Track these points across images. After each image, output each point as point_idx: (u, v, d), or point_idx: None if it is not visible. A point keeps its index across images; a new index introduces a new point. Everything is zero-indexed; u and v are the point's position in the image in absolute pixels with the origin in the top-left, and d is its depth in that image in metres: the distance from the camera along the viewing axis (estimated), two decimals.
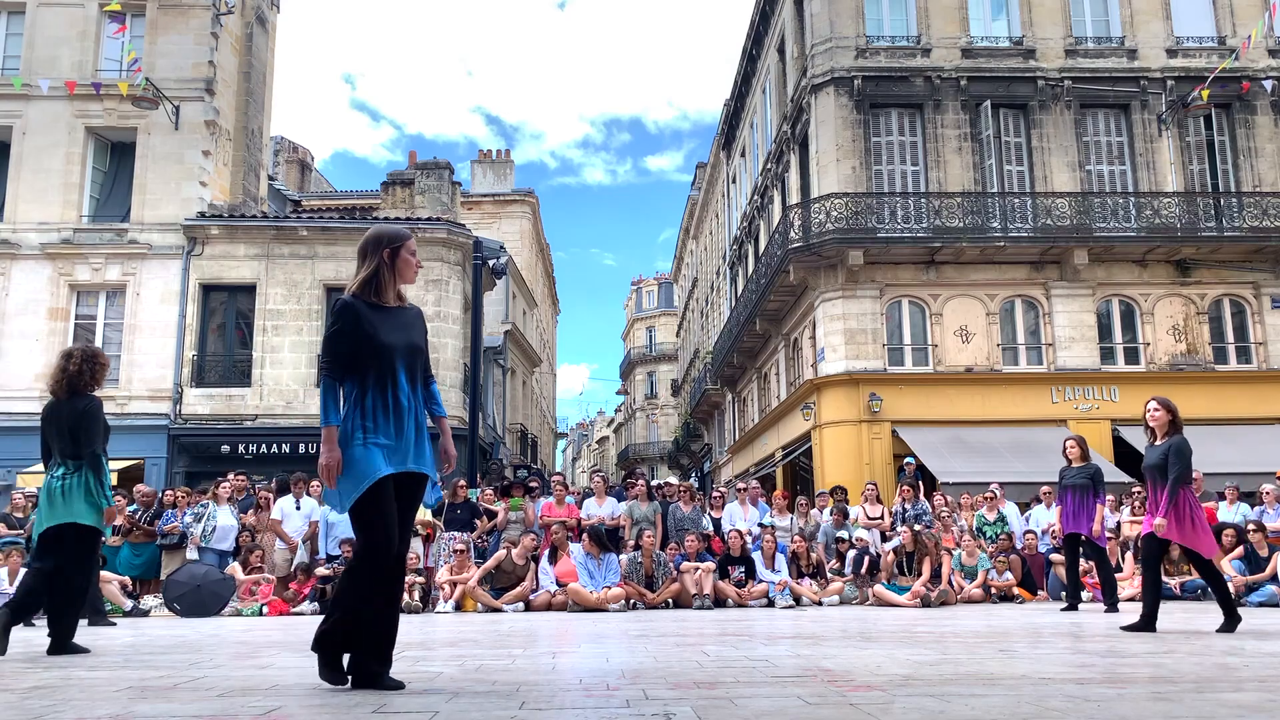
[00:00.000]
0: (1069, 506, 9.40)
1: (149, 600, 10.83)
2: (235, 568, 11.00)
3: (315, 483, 12.27)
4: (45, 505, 5.72)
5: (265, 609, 10.56)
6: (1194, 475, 8.32)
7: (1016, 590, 11.72)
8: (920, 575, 10.94)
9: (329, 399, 3.72)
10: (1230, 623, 6.49)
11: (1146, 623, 6.62)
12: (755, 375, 28.77)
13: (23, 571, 10.86)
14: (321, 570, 11.13)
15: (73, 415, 5.75)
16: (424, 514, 11.99)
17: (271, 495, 12.51)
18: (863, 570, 11.69)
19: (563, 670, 4.44)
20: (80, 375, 5.82)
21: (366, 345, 3.74)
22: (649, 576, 11.02)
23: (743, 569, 11.30)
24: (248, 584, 10.85)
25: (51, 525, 5.65)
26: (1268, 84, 20.53)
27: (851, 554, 11.97)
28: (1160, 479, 6.86)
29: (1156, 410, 7.15)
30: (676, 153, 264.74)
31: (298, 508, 12.01)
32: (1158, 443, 7.08)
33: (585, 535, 11.00)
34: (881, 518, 12.86)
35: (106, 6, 20.92)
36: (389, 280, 3.91)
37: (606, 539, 10.95)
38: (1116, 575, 11.94)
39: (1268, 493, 12.28)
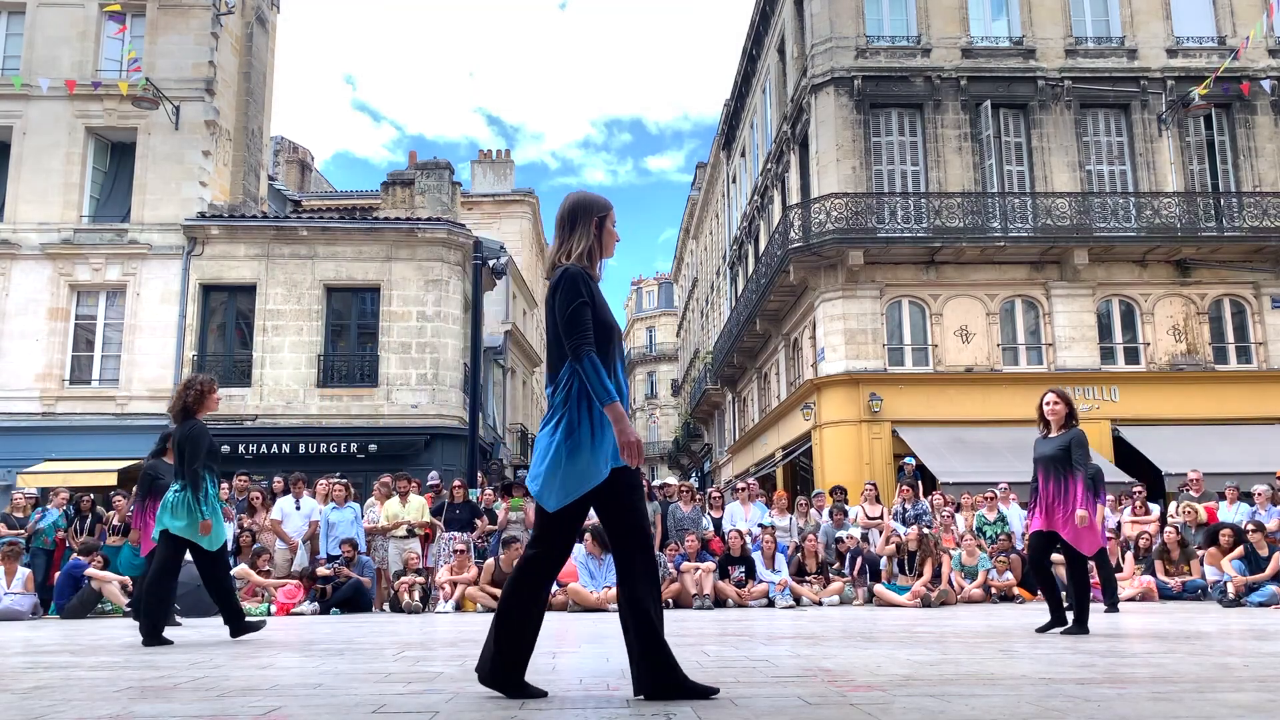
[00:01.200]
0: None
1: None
2: (245, 570, 10.99)
3: (323, 481, 12.28)
4: (159, 513, 6.55)
5: (274, 609, 10.56)
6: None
7: (1016, 590, 11.71)
8: (921, 575, 10.94)
9: (600, 375, 3.25)
10: (1079, 627, 6.40)
11: (1079, 625, 6.46)
12: (755, 375, 28.77)
13: (22, 571, 10.88)
14: (322, 570, 11.14)
15: (180, 437, 6.60)
16: (425, 514, 12.00)
17: (263, 496, 12.48)
18: (854, 571, 11.71)
19: (563, 670, 4.44)
20: (192, 401, 6.72)
21: (598, 322, 3.34)
22: None
23: (743, 569, 11.30)
24: (253, 586, 10.84)
25: (160, 530, 6.47)
26: (1266, 84, 20.53)
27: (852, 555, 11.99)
28: (1054, 471, 6.70)
29: (1055, 403, 6.90)
30: (677, 153, 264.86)
31: (297, 508, 12.01)
32: (1052, 434, 6.88)
33: (587, 535, 11.00)
34: (881, 518, 12.86)
35: (107, 6, 20.92)
36: (598, 252, 3.54)
37: (607, 539, 10.94)
38: (1116, 576, 11.97)
39: (1260, 493, 12.29)
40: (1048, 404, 6.94)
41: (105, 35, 21.49)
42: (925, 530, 11.74)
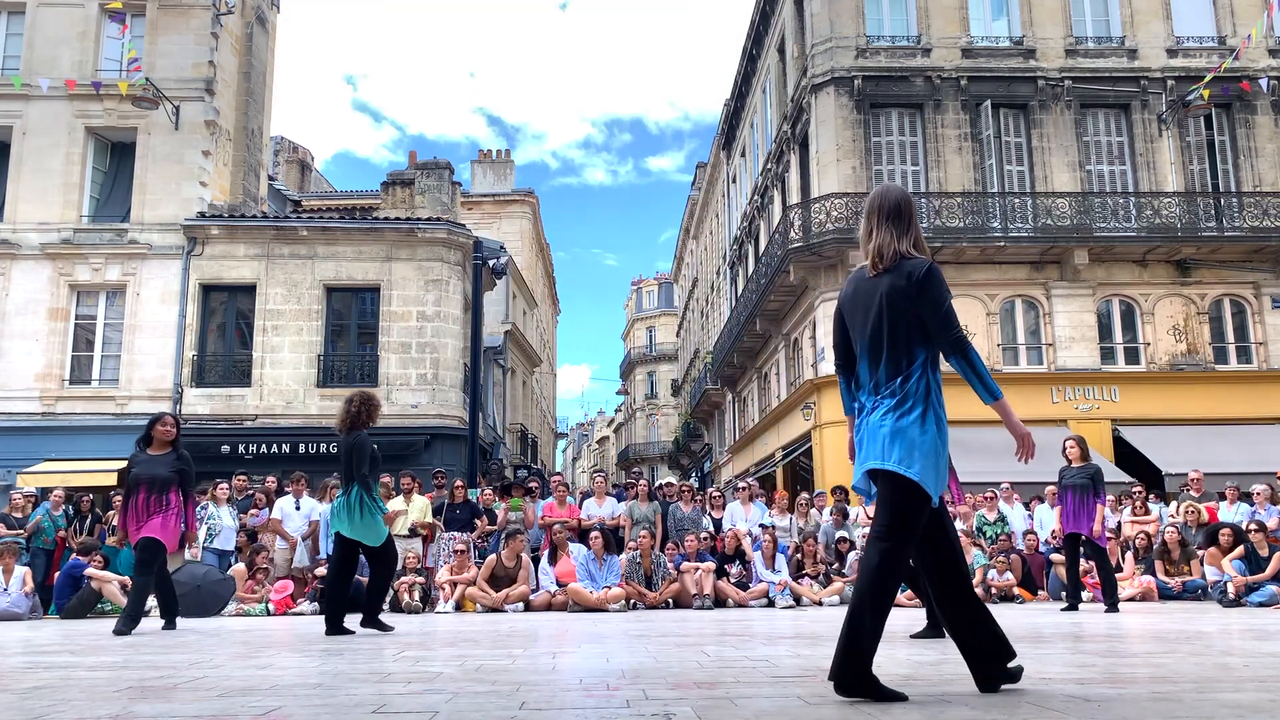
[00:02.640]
0: (1069, 506, 9.41)
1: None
2: (241, 569, 10.99)
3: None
4: (330, 516, 7.71)
5: (273, 608, 10.55)
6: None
7: (1017, 590, 11.71)
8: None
9: (982, 368, 3.33)
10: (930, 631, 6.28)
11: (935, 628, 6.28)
12: (755, 375, 28.77)
13: (19, 570, 10.87)
14: (322, 570, 11.13)
15: (346, 448, 7.24)
16: (427, 514, 12.01)
17: (266, 496, 12.50)
18: (848, 570, 11.70)
19: (563, 670, 4.44)
20: (359, 415, 7.40)
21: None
22: (648, 576, 11.02)
23: (740, 568, 11.30)
24: (249, 585, 10.84)
25: (334, 532, 7.35)
26: (1263, 82, 20.53)
27: (852, 555, 11.97)
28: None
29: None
30: (678, 153, 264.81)
31: (297, 508, 12.02)
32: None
33: (596, 535, 10.95)
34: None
35: (108, 5, 20.90)
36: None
37: (613, 541, 10.98)
38: (1116, 576, 11.97)
39: (1259, 493, 12.29)
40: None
41: (105, 35, 21.49)
42: None
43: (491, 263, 19.93)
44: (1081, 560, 9.93)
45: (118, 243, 20.64)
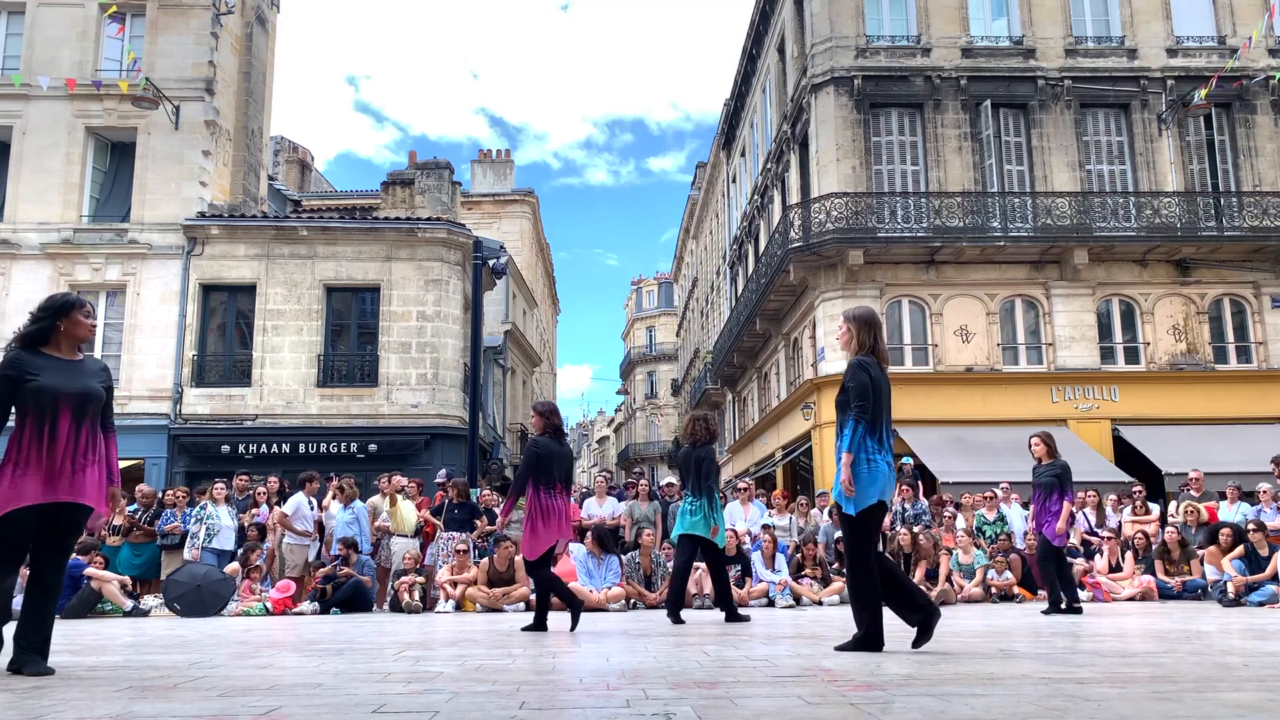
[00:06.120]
0: (1036, 505, 9.28)
1: (149, 600, 10.82)
2: (235, 568, 11.00)
3: (346, 479, 12.35)
4: (676, 518, 8.69)
5: (271, 608, 10.55)
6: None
7: (1016, 590, 11.71)
8: (914, 578, 10.94)
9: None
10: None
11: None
12: (755, 375, 28.77)
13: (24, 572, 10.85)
14: (322, 570, 11.13)
15: (696, 460, 8.34)
16: (409, 523, 12.05)
17: (268, 494, 12.50)
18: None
19: (563, 670, 4.44)
20: (702, 432, 8.56)
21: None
22: (648, 576, 11.02)
23: (738, 568, 11.29)
24: (246, 585, 10.84)
25: (679, 533, 8.39)
26: (1262, 76, 20.53)
27: None
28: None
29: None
30: (679, 153, 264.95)
31: (311, 507, 12.05)
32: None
33: (589, 535, 10.99)
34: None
35: (107, 11, 20.89)
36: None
37: (609, 540, 10.96)
38: (1116, 575, 11.98)
39: (1264, 491, 12.29)
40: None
41: (105, 35, 21.48)
42: (921, 530, 11.74)
43: (491, 262, 19.91)
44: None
45: (118, 243, 20.64)
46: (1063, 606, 8.90)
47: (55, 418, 4.33)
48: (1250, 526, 11.12)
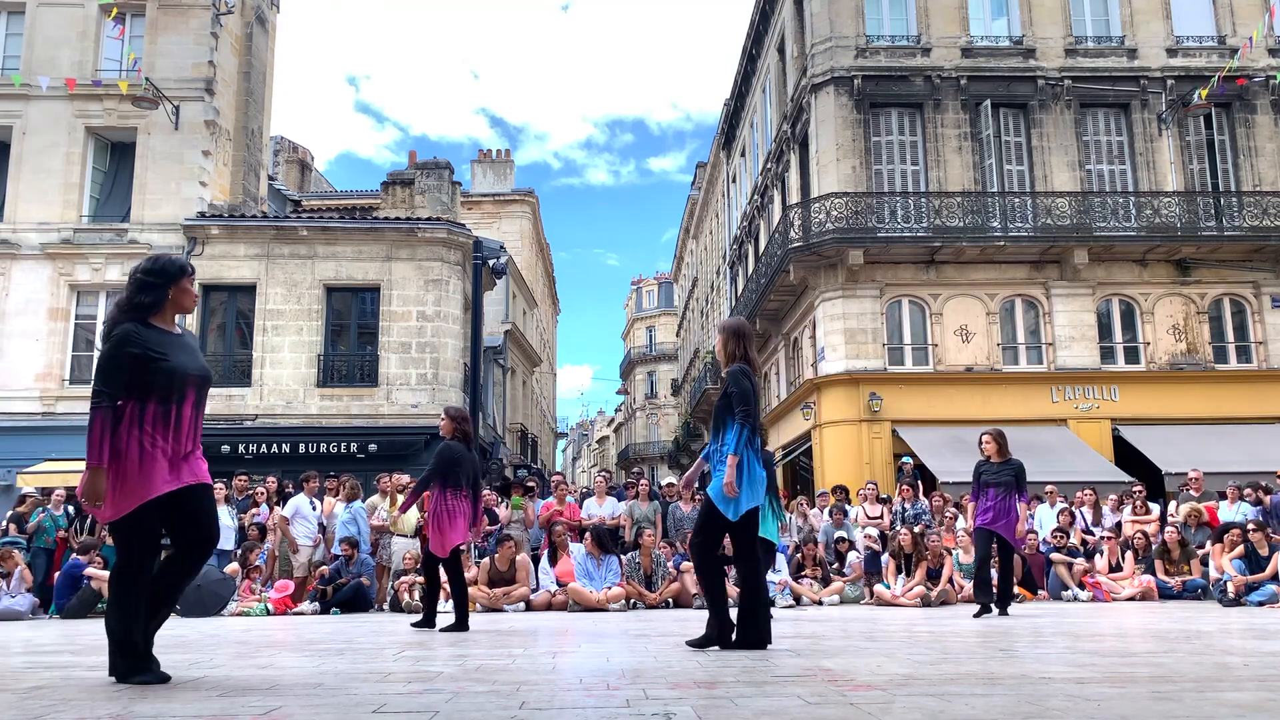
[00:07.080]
0: (991, 503, 8.83)
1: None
2: (234, 568, 11.00)
3: (346, 479, 12.32)
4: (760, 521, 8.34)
5: (272, 608, 10.55)
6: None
7: (1017, 590, 11.70)
8: (914, 578, 10.94)
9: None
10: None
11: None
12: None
13: (20, 569, 10.85)
14: (323, 570, 11.14)
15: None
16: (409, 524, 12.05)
17: (268, 494, 12.50)
18: (848, 570, 11.69)
19: (563, 670, 4.44)
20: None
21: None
22: (648, 576, 11.02)
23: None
24: (245, 585, 10.84)
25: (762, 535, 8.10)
26: (1262, 76, 20.53)
27: (852, 555, 11.98)
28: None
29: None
30: (679, 153, 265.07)
31: (313, 507, 12.06)
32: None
33: (587, 535, 10.99)
34: (881, 517, 12.86)
35: (109, 15, 20.88)
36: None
37: (608, 540, 10.96)
38: (1116, 575, 11.98)
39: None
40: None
41: (105, 35, 21.46)
42: (922, 529, 11.74)
43: (491, 262, 19.95)
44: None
45: (118, 242, 20.64)
46: (992, 606, 8.76)
47: (181, 400, 4.00)
48: (1250, 526, 11.13)
